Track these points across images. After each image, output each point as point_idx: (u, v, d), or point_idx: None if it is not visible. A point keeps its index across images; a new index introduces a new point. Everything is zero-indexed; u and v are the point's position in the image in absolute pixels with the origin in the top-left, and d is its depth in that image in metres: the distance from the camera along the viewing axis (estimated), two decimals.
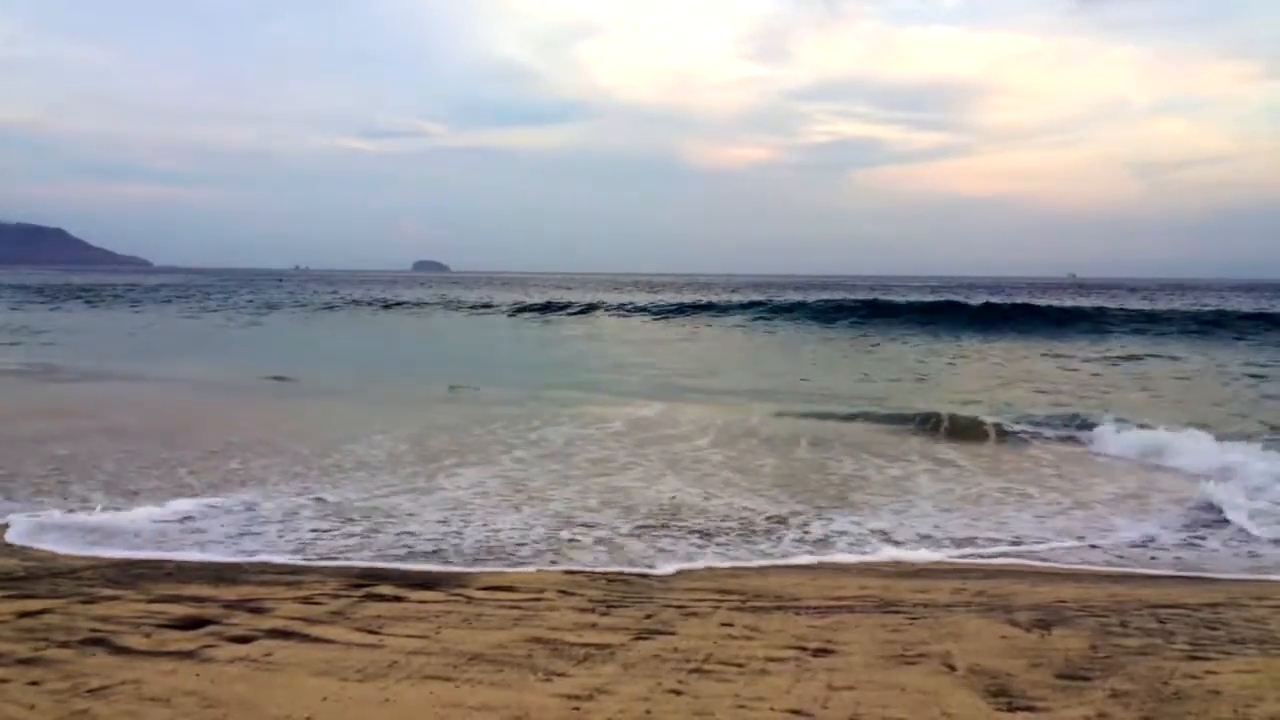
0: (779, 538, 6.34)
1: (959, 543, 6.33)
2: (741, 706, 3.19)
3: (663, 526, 6.57)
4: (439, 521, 6.55)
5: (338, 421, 11.10)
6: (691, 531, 6.45)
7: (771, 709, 3.17)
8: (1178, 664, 3.66)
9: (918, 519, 6.92)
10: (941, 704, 3.23)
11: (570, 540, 6.13)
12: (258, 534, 6.19)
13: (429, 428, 10.54)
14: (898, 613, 4.47)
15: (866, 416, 12.00)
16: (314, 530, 6.31)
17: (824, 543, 6.27)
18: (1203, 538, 6.53)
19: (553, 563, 5.63)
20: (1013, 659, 3.72)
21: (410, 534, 6.23)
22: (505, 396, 13.91)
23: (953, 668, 3.60)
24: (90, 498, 7.02)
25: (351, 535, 6.19)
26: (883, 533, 6.52)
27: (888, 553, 6.04)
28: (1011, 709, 3.19)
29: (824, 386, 15.94)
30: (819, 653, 3.78)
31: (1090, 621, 4.30)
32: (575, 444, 9.75)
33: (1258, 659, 3.75)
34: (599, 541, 6.13)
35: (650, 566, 5.58)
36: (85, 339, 26.09)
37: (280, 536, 6.15)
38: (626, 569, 5.51)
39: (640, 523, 6.65)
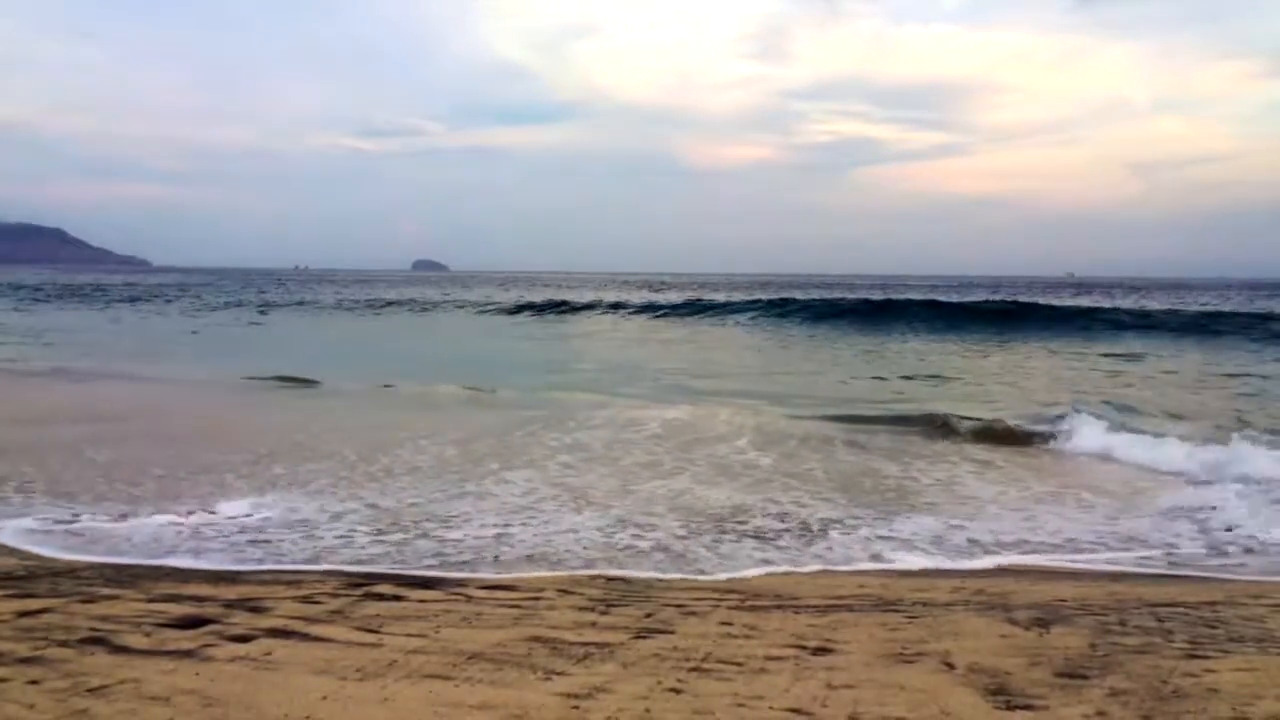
0: (863, 543, 6.24)
1: (1040, 548, 6.24)
2: (741, 705, 3.19)
3: (742, 534, 6.41)
4: (502, 525, 6.44)
5: (373, 425, 10.95)
6: (767, 538, 6.32)
7: (771, 707, 3.17)
8: (1177, 662, 3.67)
9: (986, 522, 6.83)
10: (940, 702, 3.23)
11: (641, 549, 5.97)
12: (322, 539, 6.09)
13: (470, 431, 10.37)
14: (896, 611, 4.48)
15: (890, 419, 11.85)
16: (380, 536, 6.17)
17: (909, 546, 6.18)
18: (1230, 542, 6.45)
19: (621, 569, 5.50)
20: (1012, 657, 3.72)
21: (468, 538, 6.11)
22: (524, 399, 13.74)
23: (952, 666, 3.61)
24: (165, 505, 6.84)
25: (411, 541, 6.07)
26: (962, 536, 6.45)
27: (984, 559, 5.96)
28: (1010, 707, 3.20)
29: (839, 388, 15.77)
30: (818, 651, 3.78)
31: (1089, 620, 4.30)
32: (616, 448, 9.58)
33: (1256, 657, 3.76)
34: (677, 551, 5.96)
35: (733, 572, 5.51)
36: (95, 339, 25.94)
37: (341, 541, 6.05)
38: (704, 577, 5.42)
39: (719, 530, 6.50)
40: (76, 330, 29.28)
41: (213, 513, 6.65)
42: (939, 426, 11.09)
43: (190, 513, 6.59)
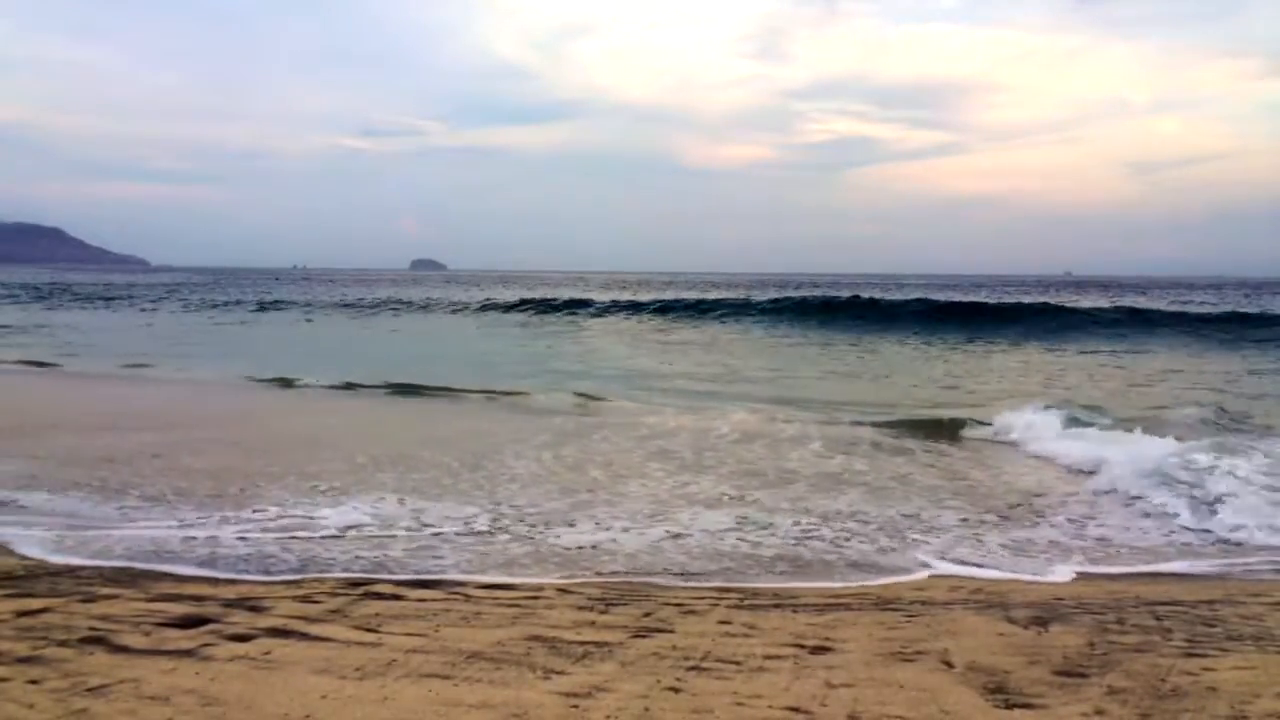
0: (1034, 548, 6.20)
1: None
2: (740, 704, 3.20)
3: (903, 540, 6.31)
4: (664, 531, 6.36)
5: (453, 432, 10.68)
6: (936, 545, 6.20)
7: (770, 706, 3.18)
8: (1175, 661, 3.67)
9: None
10: (939, 701, 3.24)
11: (817, 561, 5.85)
12: (484, 546, 5.97)
13: (555, 436, 10.17)
14: (895, 610, 4.48)
15: (936, 424, 11.59)
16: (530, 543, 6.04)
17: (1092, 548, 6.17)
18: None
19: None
20: (1010, 656, 3.73)
21: (629, 545, 6.03)
22: (564, 404, 13.38)
23: (950, 665, 3.61)
24: (321, 515, 6.64)
25: (561, 549, 5.95)
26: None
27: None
28: (1009, 706, 3.20)
29: (871, 392, 15.49)
30: (817, 650, 3.79)
31: (1087, 619, 4.31)
32: (706, 455, 9.27)
33: (1254, 655, 3.76)
34: (848, 557, 5.88)
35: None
36: (109, 339, 25.66)
37: (483, 545, 5.94)
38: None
39: (879, 536, 6.39)
40: (104, 330, 29.34)
41: (313, 518, 6.55)
42: (994, 430, 10.91)
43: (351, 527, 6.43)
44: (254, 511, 6.71)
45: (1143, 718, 3.11)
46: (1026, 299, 39.18)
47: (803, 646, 3.83)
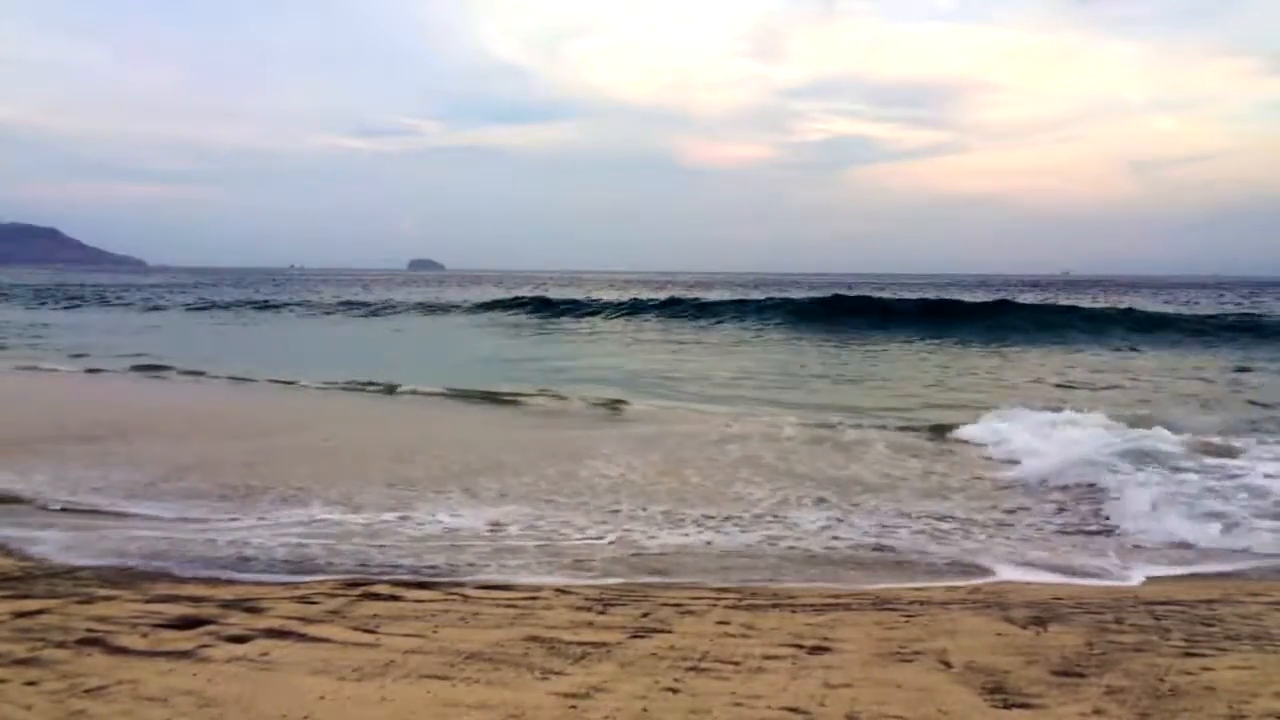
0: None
1: None
2: (738, 704, 3.19)
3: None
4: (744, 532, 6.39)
5: (528, 440, 10.48)
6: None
7: (768, 707, 3.18)
8: (1173, 660, 3.68)
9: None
10: (938, 701, 3.24)
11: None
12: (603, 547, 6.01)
13: (635, 443, 10.00)
14: (894, 610, 4.48)
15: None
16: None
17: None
18: None
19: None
20: (1009, 656, 3.73)
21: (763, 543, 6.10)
22: (603, 408, 13.18)
23: (949, 665, 3.61)
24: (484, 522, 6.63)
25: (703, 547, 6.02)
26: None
27: None
28: (1008, 706, 3.20)
29: (885, 395, 15.29)
30: (815, 650, 3.79)
31: (1086, 618, 4.31)
32: (789, 459, 9.12)
33: (1253, 655, 3.76)
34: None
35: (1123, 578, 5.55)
36: (137, 340, 25.37)
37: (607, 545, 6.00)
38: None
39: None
40: (102, 331, 29.21)
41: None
42: None
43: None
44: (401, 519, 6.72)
45: (1141, 717, 3.11)
46: (1026, 298, 39.18)
47: (801, 646, 3.83)
